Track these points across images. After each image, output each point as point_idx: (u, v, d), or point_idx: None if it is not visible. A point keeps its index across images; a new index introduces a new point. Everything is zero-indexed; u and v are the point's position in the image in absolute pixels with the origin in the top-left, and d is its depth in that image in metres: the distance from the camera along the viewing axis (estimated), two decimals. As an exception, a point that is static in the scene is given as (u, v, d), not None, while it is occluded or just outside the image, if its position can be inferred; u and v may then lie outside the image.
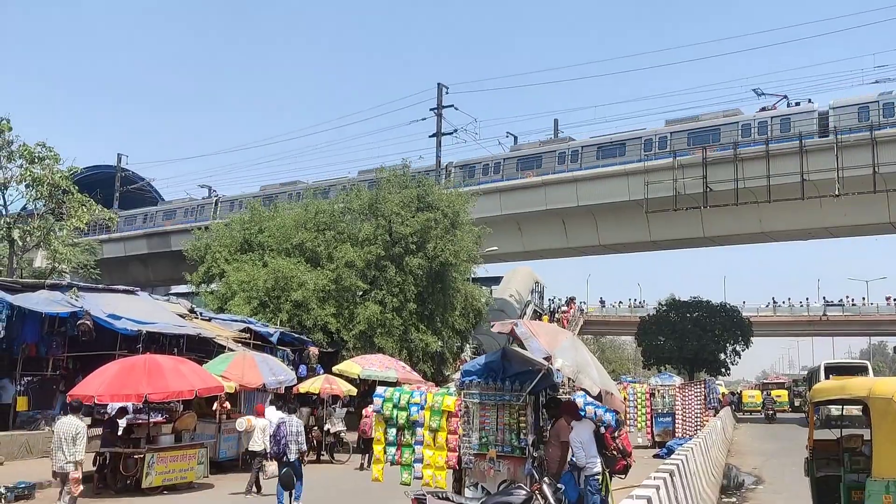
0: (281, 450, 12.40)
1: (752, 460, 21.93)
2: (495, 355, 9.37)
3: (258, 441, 14.33)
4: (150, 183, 69.24)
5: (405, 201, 31.09)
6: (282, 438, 12.41)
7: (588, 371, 8.55)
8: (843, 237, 45.10)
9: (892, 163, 33.12)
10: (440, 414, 9.33)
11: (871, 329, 74.27)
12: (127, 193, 66.25)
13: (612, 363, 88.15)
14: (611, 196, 41.07)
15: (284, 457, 12.37)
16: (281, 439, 12.41)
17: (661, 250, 49.52)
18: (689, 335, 50.13)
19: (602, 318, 73.38)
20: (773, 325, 69.14)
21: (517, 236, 45.05)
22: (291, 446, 12.38)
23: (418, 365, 29.60)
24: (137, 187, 66.88)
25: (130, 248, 60.16)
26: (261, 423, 14.59)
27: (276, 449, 12.56)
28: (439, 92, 46.95)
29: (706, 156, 37.43)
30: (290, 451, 12.37)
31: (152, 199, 67.92)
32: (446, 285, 31.92)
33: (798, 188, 34.78)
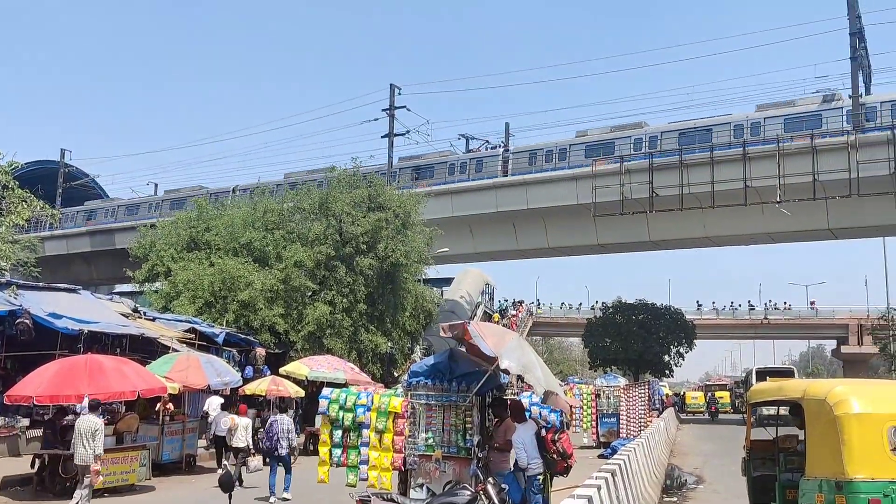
0: (273, 445, 13.73)
1: (694, 460, 22.39)
2: (442, 356, 9.42)
3: (241, 438, 15.43)
4: (95, 179, 67.79)
5: (356, 201, 31.01)
6: (274, 435, 13.77)
7: (533, 372, 8.66)
8: (783, 242, 46.32)
9: (831, 171, 34.15)
10: (387, 415, 9.34)
11: (810, 333, 76.56)
12: (70, 190, 64.64)
13: (560, 364, 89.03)
14: (559, 200, 41.58)
15: (276, 451, 13.76)
16: (273, 436, 13.77)
17: (609, 253, 50.27)
18: (635, 337, 50.92)
19: (550, 319, 74.16)
20: (715, 327, 70.74)
21: (468, 238, 45.30)
22: (283, 442, 13.76)
23: (368, 366, 29.54)
24: (81, 184, 65.29)
25: (73, 245, 58.73)
26: (243, 421, 15.70)
27: (268, 444, 13.91)
28: (392, 93, 46.88)
29: (652, 161, 38.14)
30: (282, 446, 13.75)
31: (96, 195, 66.50)
32: (397, 286, 31.91)
33: (741, 194, 35.65)
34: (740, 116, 38.75)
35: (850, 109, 35.96)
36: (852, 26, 37.64)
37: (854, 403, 7.22)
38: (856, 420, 7.11)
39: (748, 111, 39.07)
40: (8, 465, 15.79)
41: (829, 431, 7.23)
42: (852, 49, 37.26)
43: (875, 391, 8.02)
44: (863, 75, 37.82)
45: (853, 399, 7.27)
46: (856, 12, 37.79)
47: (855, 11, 37.81)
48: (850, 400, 7.26)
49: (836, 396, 7.35)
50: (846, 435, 7.07)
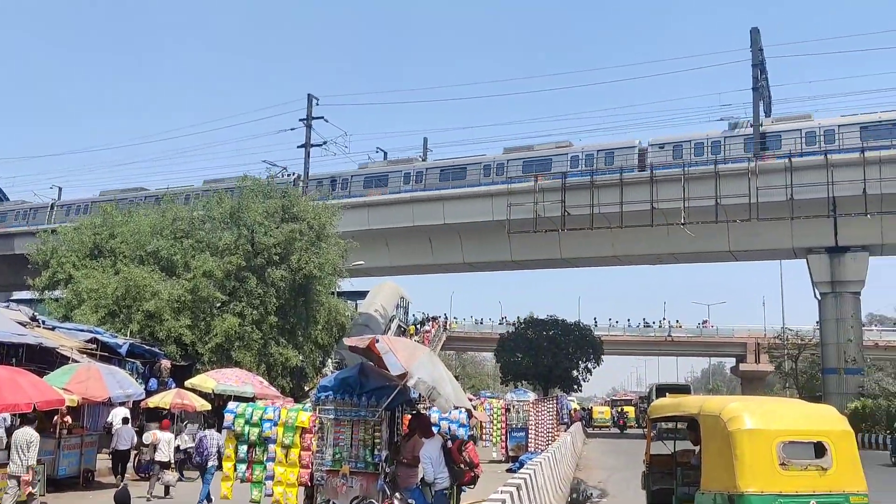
0: (203, 460, 14.02)
1: (599, 474, 22.86)
2: (352, 371, 9.40)
3: (164, 452, 15.96)
4: (-8, 182, 64.62)
5: (269, 211, 30.51)
6: (204, 450, 14.08)
7: (443, 387, 8.73)
8: (687, 263, 48.09)
9: (732, 195, 35.75)
10: (294, 430, 9.25)
11: (711, 350, 79.57)
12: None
13: (473, 378, 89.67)
14: (475, 216, 42.15)
15: (207, 465, 14.02)
16: (204, 451, 14.08)
17: (522, 269, 51.14)
18: (545, 352, 51.73)
19: (464, 334, 74.71)
20: (622, 343, 72.71)
21: (384, 251, 45.29)
22: (213, 457, 13.99)
23: (277, 380, 29.00)
24: (-23, 186, 62.19)
25: (-33, 249, 55.80)
26: (166, 436, 16.25)
27: (199, 460, 14.27)
28: (309, 103, 46.42)
29: (565, 182, 39.11)
30: (213, 460, 14.00)
31: (-5, 198, 63.45)
32: (309, 298, 31.49)
33: (648, 215, 36.94)
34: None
35: (749, 137, 37.84)
36: (755, 58, 39.61)
37: (746, 420, 7.56)
38: (747, 436, 7.44)
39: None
40: None
41: (723, 446, 7.54)
42: (754, 80, 39.18)
43: (766, 408, 8.40)
44: (763, 104, 39.81)
45: (746, 415, 7.61)
46: (758, 45, 39.78)
47: (758, 44, 39.80)
48: (743, 416, 7.60)
49: (729, 413, 7.68)
50: (738, 450, 7.39)
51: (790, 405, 9.30)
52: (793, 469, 7.51)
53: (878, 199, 33.94)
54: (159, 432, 16.50)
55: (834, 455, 7.55)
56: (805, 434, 7.90)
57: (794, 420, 8.04)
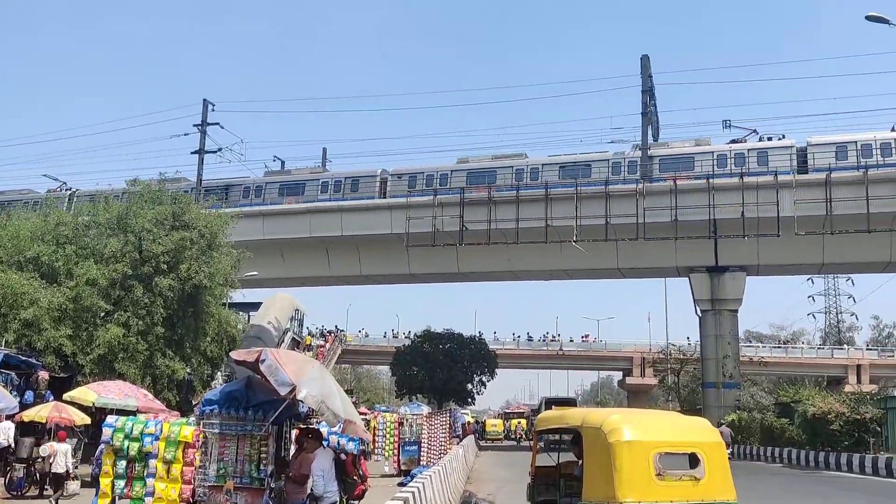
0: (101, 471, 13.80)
1: (489, 486, 23.10)
2: (239, 384, 9.23)
3: (61, 464, 16.15)
4: None
5: (159, 218, 29.54)
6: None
7: (333, 401, 8.68)
8: (579, 279, 49.51)
9: (621, 215, 37.16)
10: (176, 445, 9.00)
11: (600, 364, 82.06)
12: None
13: (368, 392, 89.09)
14: (374, 228, 42.14)
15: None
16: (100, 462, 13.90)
17: (420, 283, 51.36)
18: (441, 366, 52.01)
19: (360, 347, 74.28)
20: (516, 357, 74.00)
21: (279, 262, 44.58)
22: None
23: (163, 393, 28.04)
24: None
25: None
26: (63, 447, 16.33)
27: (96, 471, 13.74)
28: (204, 108, 45.41)
29: (464, 196, 39.66)
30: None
31: None
32: (199, 309, 30.59)
33: (543, 232, 37.90)
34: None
35: (634, 160, 39.50)
36: (644, 84, 41.35)
37: (625, 431, 7.83)
38: (626, 447, 7.70)
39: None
40: None
41: (603, 458, 7.79)
42: (643, 105, 40.90)
43: (645, 420, 8.72)
44: (651, 129, 41.58)
45: (625, 427, 7.89)
46: (648, 72, 41.55)
47: (647, 71, 41.57)
48: (623, 428, 7.87)
49: (610, 425, 7.94)
50: (617, 461, 7.64)
51: (667, 418, 9.68)
52: (668, 479, 7.80)
53: (755, 223, 35.95)
54: (56, 444, 16.53)
55: (706, 465, 7.90)
56: (680, 445, 8.23)
57: (670, 432, 8.36)
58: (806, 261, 39.99)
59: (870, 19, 25.24)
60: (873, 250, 36.66)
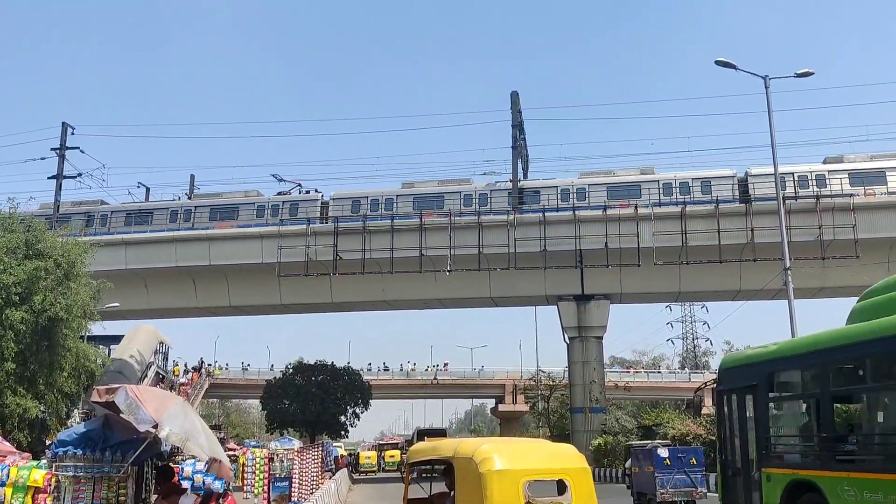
0: None
1: (363, 520, 22.89)
2: (96, 423, 8.73)
3: None
4: None
5: (10, 246, 27.72)
6: None
7: (197, 438, 8.37)
8: (453, 308, 50.08)
9: (493, 245, 38.02)
10: (24, 490, 8.41)
11: (474, 392, 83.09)
12: None
13: (237, 427, 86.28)
14: (244, 257, 41.16)
15: None
16: None
17: (293, 313, 50.43)
18: (313, 398, 51.08)
19: (229, 381, 71.95)
20: (390, 387, 73.74)
21: (143, 293, 42.71)
22: None
23: (13, 433, 26.13)
24: None
25: None
26: None
27: None
28: (63, 131, 43.17)
29: (337, 226, 39.46)
30: None
31: None
32: (54, 342, 28.79)
33: (417, 262, 38.19)
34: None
35: (510, 191, 40.62)
36: (514, 119, 42.70)
37: (496, 461, 7.96)
38: (497, 476, 7.84)
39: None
40: None
41: (475, 487, 7.88)
42: (514, 139, 42.20)
43: (515, 449, 8.89)
44: (521, 162, 42.90)
45: (495, 457, 8.02)
46: (517, 107, 42.96)
47: (517, 106, 42.97)
48: (493, 457, 8.00)
49: (481, 454, 8.06)
50: (488, 490, 7.75)
51: (536, 445, 9.89)
52: (537, 506, 7.99)
53: (617, 253, 37.63)
54: None
55: (573, 491, 8.15)
56: (548, 472, 8.45)
57: (538, 459, 8.57)
58: (664, 289, 42.17)
59: (719, 64, 27.10)
60: (725, 279, 39.10)
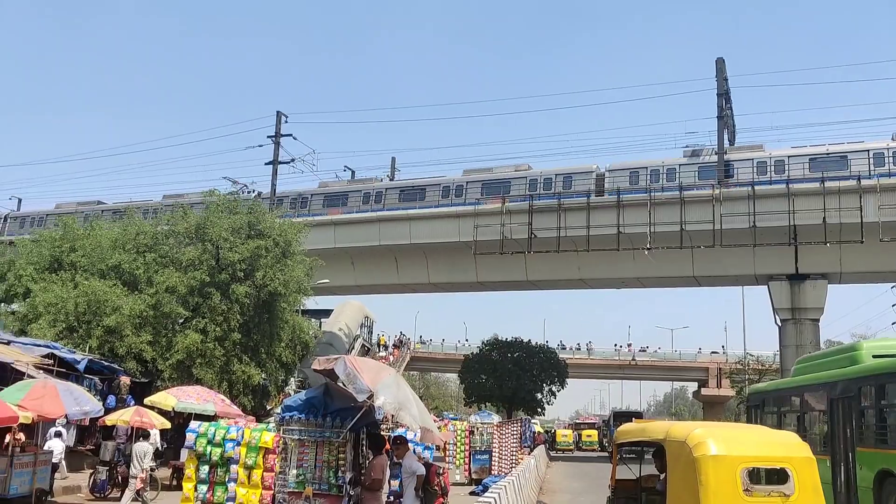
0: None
1: (562, 497, 22.83)
2: (317, 391, 9.27)
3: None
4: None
5: (235, 227, 30.20)
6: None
7: (409, 408, 8.65)
8: (652, 287, 48.54)
9: (697, 221, 36.25)
10: (257, 450, 9.09)
11: (674, 375, 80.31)
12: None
13: (437, 400, 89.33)
14: (442, 236, 42.13)
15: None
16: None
17: (487, 291, 51.18)
18: (509, 374, 51.70)
19: (428, 354, 74.48)
20: (587, 367, 73.03)
21: (349, 270, 45.05)
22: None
23: (239, 398, 28.58)
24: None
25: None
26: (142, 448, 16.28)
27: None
28: (278, 120, 46.27)
29: (532, 204, 39.36)
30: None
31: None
32: (274, 316, 31.14)
33: (614, 239, 37.27)
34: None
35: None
36: (720, 87, 40.37)
37: (711, 445, 7.57)
38: (712, 462, 7.46)
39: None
40: None
41: (688, 472, 7.55)
42: (719, 108, 39.92)
43: (731, 434, 8.43)
44: (728, 133, 40.54)
45: (711, 441, 7.63)
46: (723, 75, 40.56)
47: (723, 74, 40.58)
48: (708, 442, 7.61)
49: (695, 438, 7.69)
50: (703, 476, 7.40)
51: (754, 431, 9.34)
52: (756, 495, 7.52)
53: (836, 229, 34.63)
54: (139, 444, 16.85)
55: (796, 482, 7.59)
56: (768, 460, 7.94)
57: (757, 446, 8.08)
58: (891, 267, 38.29)
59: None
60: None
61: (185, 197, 47.15)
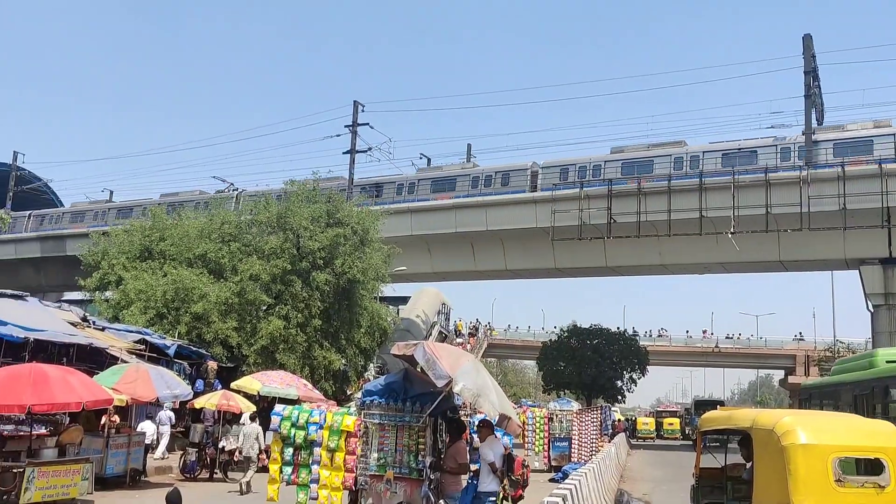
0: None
1: (644, 486, 22.50)
2: (397, 376, 9.37)
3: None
4: (48, 184, 66.38)
5: (314, 216, 30.80)
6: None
7: (488, 395, 8.65)
8: (736, 273, 47.18)
9: (783, 204, 34.96)
10: (339, 434, 9.25)
11: (759, 362, 77.95)
12: (21, 194, 63.23)
13: (514, 386, 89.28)
14: (519, 222, 41.84)
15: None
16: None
17: (565, 277, 50.66)
18: (588, 361, 51.18)
19: (506, 341, 74.35)
20: (668, 354, 71.60)
21: (426, 257, 45.28)
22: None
23: (320, 383, 29.23)
24: (33, 188, 63.96)
25: (22, 250, 57.26)
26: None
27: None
28: (355, 109, 46.84)
29: (611, 188, 38.68)
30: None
31: (49, 200, 65.18)
32: (353, 303, 31.69)
33: (697, 224, 36.30)
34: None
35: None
36: (807, 65, 38.75)
37: (801, 434, 7.34)
38: (802, 450, 7.22)
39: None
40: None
41: (776, 461, 7.33)
42: (806, 87, 38.34)
43: (821, 422, 8.16)
44: (816, 113, 38.92)
45: (800, 430, 7.39)
46: (811, 52, 38.91)
47: (810, 51, 38.93)
48: (797, 430, 7.38)
49: (783, 427, 7.46)
50: (792, 465, 7.17)
51: (846, 420, 9.00)
52: (849, 486, 7.27)
53: (934, 210, 32.94)
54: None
55: (892, 473, 7.29)
56: (861, 450, 7.66)
57: (849, 435, 7.79)
58: None
59: None
60: None
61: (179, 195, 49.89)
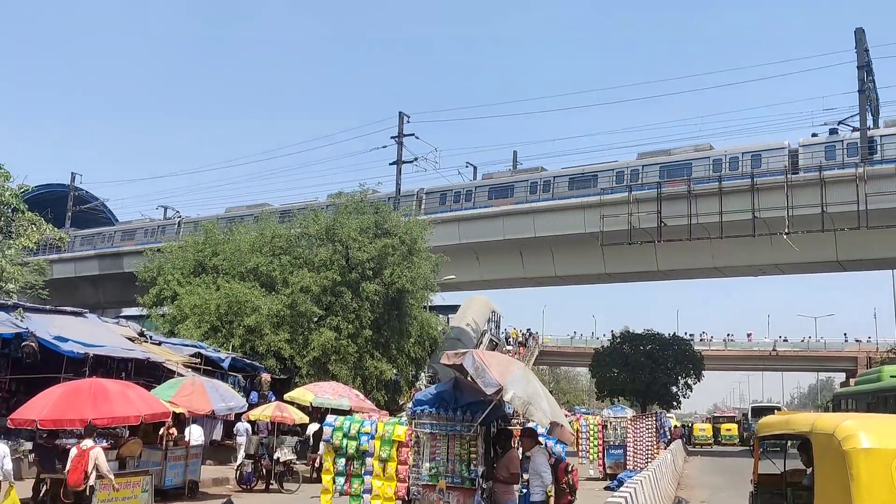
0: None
1: (701, 493, 22.10)
2: (447, 385, 9.35)
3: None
4: (104, 203, 68.25)
5: (362, 227, 31.04)
6: None
7: (539, 402, 8.58)
8: (792, 274, 46.12)
9: (840, 202, 34.03)
10: (390, 444, 9.26)
11: (819, 365, 76.02)
12: (79, 213, 65.15)
13: (567, 394, 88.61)
14: (567, 228, 41.53)
15: None
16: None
17: (616, 283, 50.15)
18: (642, 368, 50.53)
19: (557, 348, 73.89)
20: (724, 359, 70.27)
21: (475, 265, 45.24)
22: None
23: (372, 393, 29.37)
24: (90, 207, 65.82)
25: (81, 268, 58.95)
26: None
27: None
28: (400, 120, 47.21)
29: (661, 191, 38.14)
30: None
31: (106, 219, 66.95)
32: (402, 312, 31.81)
33: (749, 225, 35.56)
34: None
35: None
36: (860, 59, 37.77)
37: (863, 438, 7.10)
38: (864, 455, 6.99)
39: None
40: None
41: (838, 467, 7.11)
42: (860, 82, 37.36)
43: (884, 426, 7.88)
44: (870, 108, 37.87)
45: (862, 434, 7.15)
46: (864, 46, 37.92)
47: (863, 45, 37.94)
48: (859, 434, 7.14)
49: (844, 431, 7.23)
50: (854, 470, 6.95)
51: (910, 423, 8.72)
52: (915, 492, 7.01)
53: None
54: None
55: (959, 477, 7.01)
56: (926, 454, 7.38)
57: (915, 439, 7.52)
58: None
59: None
60: None
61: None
